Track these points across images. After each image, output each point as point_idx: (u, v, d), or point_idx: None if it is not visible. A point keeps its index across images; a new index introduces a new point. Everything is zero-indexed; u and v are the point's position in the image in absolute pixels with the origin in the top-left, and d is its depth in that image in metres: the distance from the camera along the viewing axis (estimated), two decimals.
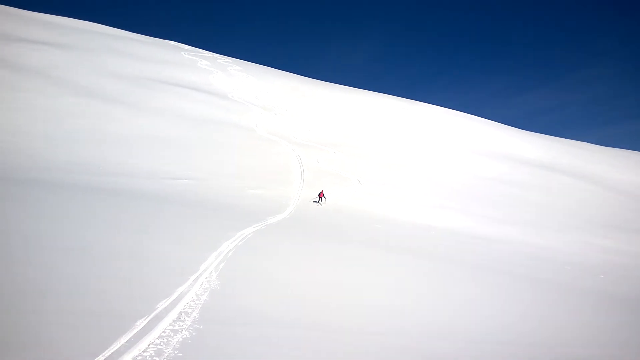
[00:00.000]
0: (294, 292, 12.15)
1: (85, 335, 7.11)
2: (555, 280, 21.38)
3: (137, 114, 53.21)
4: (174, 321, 8.45)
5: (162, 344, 7.35)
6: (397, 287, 14.79)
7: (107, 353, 6.60)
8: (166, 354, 6.96)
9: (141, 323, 7.98)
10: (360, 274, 16.03)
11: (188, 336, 7.86)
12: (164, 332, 7.86)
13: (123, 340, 7.14)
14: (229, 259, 14.13)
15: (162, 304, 9.14)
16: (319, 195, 34.20)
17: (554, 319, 13.88)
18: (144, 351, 6.94)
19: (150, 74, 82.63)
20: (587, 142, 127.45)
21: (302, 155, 52.29)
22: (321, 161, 51.84)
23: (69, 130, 40.59)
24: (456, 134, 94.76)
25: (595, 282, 22.53)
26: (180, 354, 7.05)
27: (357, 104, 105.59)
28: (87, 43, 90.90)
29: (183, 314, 8.90)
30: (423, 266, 19.60)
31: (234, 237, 17.58)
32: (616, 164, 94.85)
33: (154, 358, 6.75)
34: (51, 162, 30.56)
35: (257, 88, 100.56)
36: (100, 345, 6.77)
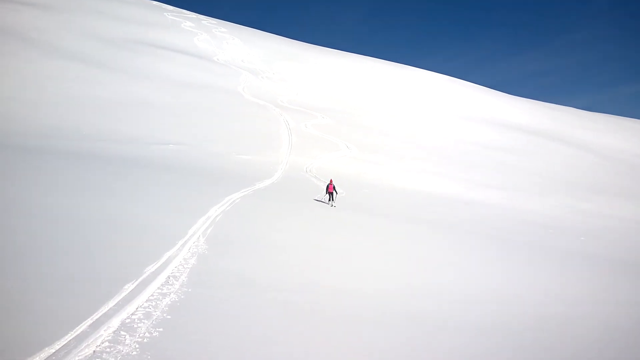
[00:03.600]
0: (282, 256, 12.28)
1: (73, 300, 7.14)
2: (538, 242, 21.87)
3: (121, 78, 51.96)
4: (162, 285, 8.51)
5: (150, 307, 7.42)
6: (384, 250, 15.01)
7: (96, 316, 6.64)
8: (155, 317, 7.04)
9: (129, 287, 8.02)
10: (349, 237, 16.22)
11: (176, 299, 7.93)
12: (152, 295, 7.92)
13: (111, 304, 7.19)
14: (216, 224, 14.16)
15: (150, 268, 9.18)
16: (327, 188, 22.92)
17: (537, 280, 14.26)
18: (132, 314, 7.00)
19: (133, 36, 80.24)
20: (573, 107, 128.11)
21: (289, 120, 51.84)
22: (309, 126, 51.49)
23: (50, 95, 39.58)
24: (443, 98, 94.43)
25: (576, 244, 23.10)
26: (169, 317, 7.13)
27: (345, 68, 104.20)
28: (67, 3, 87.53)
29: (171, 278, 8.96)
30: (408, 230, 19.87)
31: (222, 202, 17.57)
32: (600, 129, 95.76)
33: (143, 321, 6.82)
34: (33, 127, 29.91)
35: (243, 51, 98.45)
36: (88, 310, 6.81)
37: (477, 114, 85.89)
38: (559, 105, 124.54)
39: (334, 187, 22.77)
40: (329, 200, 22.71)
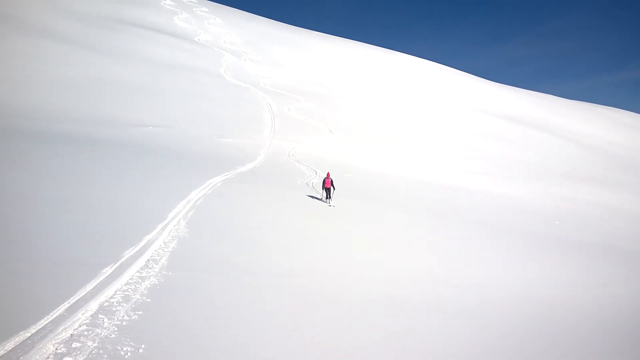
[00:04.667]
0: (264, 239, 12.28)
1: (50, 283, 7.04)
2: (515, 227, 22.30)
3: (98, 57, 50.67)
4: (141, 268, 8.44)
5: (129, 290, 7.36)
6: (366, 236, 15.14)
7: (73, 300, 6.56)
8: (134, 300, 6.99)
9: (107, 271, 7.93)
10: (330, 221, 16.29)
11: (156, 282, 7.88)
12: (131, 279, 7.85)
13: (89, 287, 7.10)
14: (197, 207, 14.06)
15: (129, 252, 9.09)
16: (323, 184, 19.76)
17: (516, 264, 14.58)
18: (111, 297, 6.93)
19: (109, 14, 78.11)
20: (553, 94, 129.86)
21: (272, 103, 51.42)
22: (292, 109, 51.18)
23: (24, 74, 38.40)
24: (428, 84, 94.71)
25: (551, 228, 23.63)
26: (149, 300, 7.08)
27: (329, 51, 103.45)
28: None
29: (151, 262, 8.89)
30: (389, 214, 20.04)
31: (203, 186, 17.44)
32: (578, 116, 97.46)
33: (122, 304, 6.76)
34: (8, 108, 29.05)
35: (225, 32, 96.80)
36: (65, 293, 6.72)
37: (460, 101, 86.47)
38: (540, 93, 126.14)
39: (331, 182, 19.40)
40: (326, 197, 19.40)
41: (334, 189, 19.65)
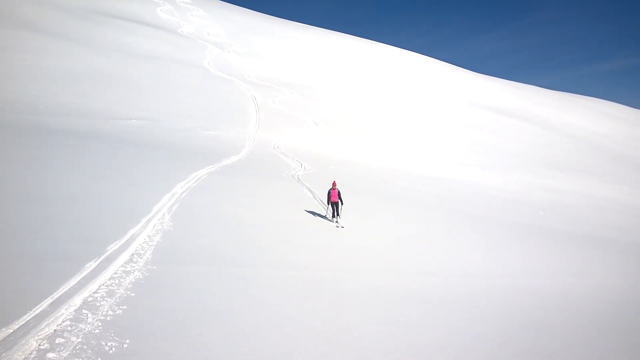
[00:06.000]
0: (249, 232, 12.23)
1: (33, 278, 6.93)
2: (500, 217, 22.56)
3: (79, 49, 49.72)
4: (125, 262, 8.35)
5: (113, 284, 7.28)
6: (354, 227, 15.15)
7: (56, 295, 6.47)
8: (118, 295, 6.91)
9: (91, 265, 7.83)
10: (316, 214, 16.27)
11: (141, 277, 7.81)
12: (115, 273, 7.77)
13: (72, 282, 7.01)
14: (182, 201, 13.94)
15: (113, 246, 8.98)
16: (328, 197, 15.53)
17: (501, 254, 14.76)
18: (94, 292, 6.85)
19: (91, 5, 76.59)
20: (537, 85, 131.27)
21: (256, 95, 51.07)
22: (276, 101, 50.91)
23: (4, 66, 37.53)
24: (412, 75, 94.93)
25: (536, 219, 23.96)
26: (133, 294, 7.01)
27: (313, 43, 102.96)
28: None
29: (135, 256, 8.80)
30: (373, 205, 20.11)
31: (188, 179, 17.28)
32: (562, 107, 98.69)
33: (106, 299, 6.69)
34: None
35: (208, 23, 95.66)
36: (48, 288, 6.62)
37: (445, 92, 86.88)
38: (523, 84, 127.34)
39: (338, 194, 15.34)
40: (333, 216, 15.38)
41: (342, 204, 15.45)
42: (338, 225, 15.04)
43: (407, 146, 44.08)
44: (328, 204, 15.83)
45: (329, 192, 15.61)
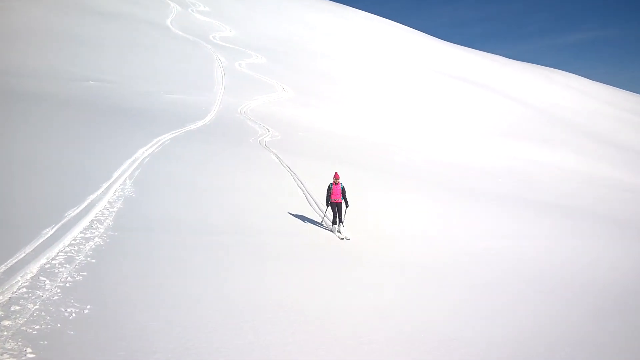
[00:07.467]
0: (211, 198, 12.13)
1: None
2: (460, 186, 23.15)
3: (31, 4, 46.76)
4: (85, 229, 8.18)
5: (72, 251, 7.14)
6: (311, 191, 15.23)
7: (11, 263, 6.30)
8: (78, 261, 6.79)
9: (48, 232, 7.64)
10: (279, 179, 16.26)
11: (102, 243, 7.68)
12: (74, 240, 7.61)
13: (28, 249, 6.83)
14: (144, 166, 13.64)
15: (72, 213, 8.76)
16: (328, 195, 11.67)
17: (461, 220, 15.22)
18: (52, 259, 6.70)
19: None
20: (502, 55, 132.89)
21: (222, 58, 49.71)
22: (243, 65, 49.75)
23: None
24: (380, 42, 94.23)
25: (495, 185, 24.72)
26: (94, 261, 6.91)
27: (281, 4, 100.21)
28: None
29: (95, 222, 8.62)
30: (341, 172, 20.22)
31: (151, 144, 16.87)
32: (526, 77, 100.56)
33: (65, 265, 6.56)
34: None
35: None
36: (2, 256, 6.43)
37: (412, 60, 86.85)
38: (489, 53, 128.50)
39: (342, 192, 11.64)
40: (334, 222, 11.49)
41: (348, 206, 11.64)
42: (342, 236, 11.09)
43: (370, 116, 44.18)
44: (327, 206, 11.74)
45: (329, 189, 11.66)
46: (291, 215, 12.09)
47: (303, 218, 12.13)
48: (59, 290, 5.82)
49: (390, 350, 5.74)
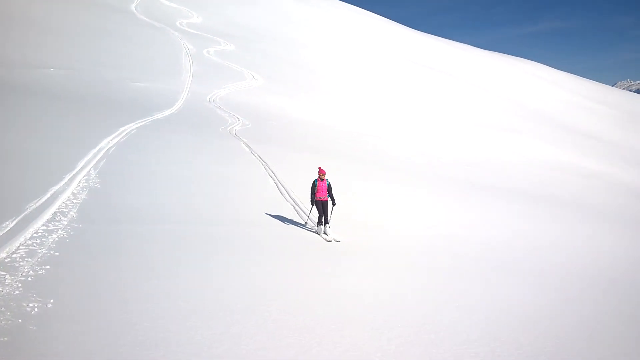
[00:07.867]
0: (178, 189, 11.91)
1: None
2: (431, 173, 23.53)
3: None
4: (48, 221, 7.91)
5: (34, 244, 6.89)
6: (288, 183, 15.19)
7: None
8: (40, 255, 6.57)
9: (8, 225, 7.35)
10: (248, 169, 16.13)
11: (65, 236, 7.45)
12: (36, 232, 7.35)
13: None
14: (110, 156, 13.28)
15: (33, 205, 8.45)
16: (312, 192, 10.61)
17: (442, 207, 15.49)
18: (13, 253, 6.46)
19: None
20: (471, 45, 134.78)
21: (189, 45, 48.66)
22: (211, 52, 48.86)
23: None
24: (351, 30, 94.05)
25: (463, 173, 25.25)
26: (57, 254, 6.69)
27: None
28: None
29: (58, 214, 8.35)
30: (310, 160, 20.22)
31: (116, 133, 16.43)
32: (496, 66, 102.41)
33: (26, 259, 6.34)
34: None
35: None
36: None
37: (384, 49, 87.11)
38: (459, 43, 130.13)
39: (329, 189, 10.72)
40: (320, 222, 10.52)
41: (334, 204, 10.72)
42: (329, 238, 10.15)
43: (338, 103, 44.23)
44: (312, 204, 10.69)
45: (313, 186, 10.62)
46: (263, 205, 12.02)
47: (274, 207, 12.08)
48: (20, 285, 5.62)
49: (363, 335, 5.79)
